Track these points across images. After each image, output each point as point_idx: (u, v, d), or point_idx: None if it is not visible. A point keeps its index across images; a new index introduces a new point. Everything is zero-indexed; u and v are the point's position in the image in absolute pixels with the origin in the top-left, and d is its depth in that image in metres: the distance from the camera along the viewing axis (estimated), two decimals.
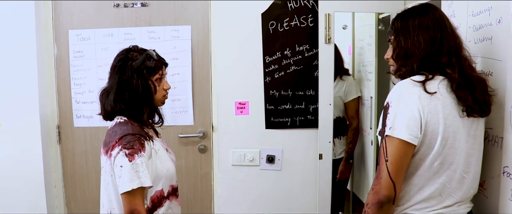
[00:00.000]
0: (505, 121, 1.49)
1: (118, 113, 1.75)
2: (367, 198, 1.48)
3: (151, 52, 1.77)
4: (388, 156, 1.42)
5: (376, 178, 1.46)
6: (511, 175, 1.45)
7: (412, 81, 1.47)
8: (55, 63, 2.86)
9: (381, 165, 1.43)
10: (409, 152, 1.42)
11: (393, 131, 1.41)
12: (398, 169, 1.42)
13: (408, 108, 1.42)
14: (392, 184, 1.41)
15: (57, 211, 2.96)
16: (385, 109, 1.47)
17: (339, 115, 2.85)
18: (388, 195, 1.42)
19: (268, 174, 2.71)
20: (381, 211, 1.44)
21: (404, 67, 1.53)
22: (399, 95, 1.45)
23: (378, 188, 1.43)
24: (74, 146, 2.92)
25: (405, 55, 1.53)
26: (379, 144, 1.49)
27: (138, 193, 1.62)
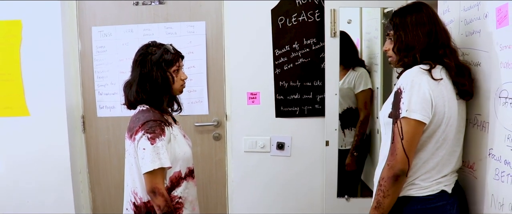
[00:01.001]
0: (490, 108, 1.62)
1: (140, 102, 1.90)
2: (382, 173, 1.64)
3: (168, 47, 1.91)
4: (404, 134, 1.58)
5: (391, 155, 1.61)
6: (495, 156, 1.57)
7: (420, 69, 1.64)
8: (79, 58, 2.99)
9: (396, 143, 1.59)
10: (421, 130, 1.60)
11: (410, 113, 1.57)
12: (411, 145, 1.59)
13: (420, 92, 1.58)
14: (407, 159, 1.59)
15: (82, 195, 3.11)
16: (397, 94, 1.62)
17: (351, 105, 2.85)
18: (403, 168, 1.59)
19: (278, 160, 2.81)
20: (396, 183, 1.61)
21: (407, 58, 1.70)
22: (411, 81, 1.60)
23: (393, 163, 1.60)
24: (97, 135, 3.06)
25: (406, 48, 1.70)
26: (393, 125, 1.62)
27: (158, 173, 1.78)
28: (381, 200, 1.64)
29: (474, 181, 1.75)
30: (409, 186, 1.67)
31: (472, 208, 1.75)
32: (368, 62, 2.87)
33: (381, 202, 1.64)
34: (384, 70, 2.77)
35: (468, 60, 1.80)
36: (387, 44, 1.81)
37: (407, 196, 1.67)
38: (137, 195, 1.90)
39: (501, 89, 1.54)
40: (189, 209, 1.96)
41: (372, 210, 1.69)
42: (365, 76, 2.86)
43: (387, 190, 1.62)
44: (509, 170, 1.48)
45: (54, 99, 2.91)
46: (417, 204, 1.66)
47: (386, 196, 1.63)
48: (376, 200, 1.66)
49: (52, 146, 2.96)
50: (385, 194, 1.63)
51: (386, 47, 1.82)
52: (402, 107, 1.59)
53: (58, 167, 2.98)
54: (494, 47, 1.60)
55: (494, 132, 1.60)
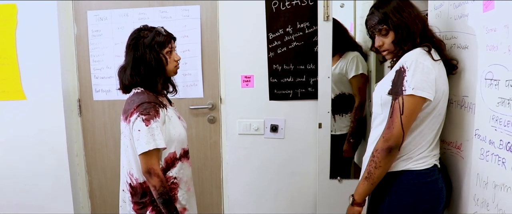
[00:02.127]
0: (476, 89, 1.65)
1: (135, 85, 1.93)
2: (376, 145, 1.71)
3: (159, 29, 1.94)
4: (404, 110, 1.63)
5: (387, 128, 1.68)
6: (480, 136, 1.61)
7: (422, 50, 1.71)
8: (75, 42, 3.01)
9: (395, 117, 1.65)
10: (421, 107, 1.67)
11: (417, 91, 1.63)
12: (409, 121, 1.66)
13: (425, 71, 1.64)
14: (403, 133, 1.66)
15: (79, 178, 3.16)
16: (400, 73, 1.67)
17: (343, 91, 2.82)
18: (398, 142, 1.66)
19: (272, 142, 2.84)
20: (389, 156, 1.68)
21: (406, 45, 1.75)
22: (416, 61, 1.65)
23: (389, 136, 1.67)
24: (93, 118, 3.09)
25: (408, 37, 1.74)
26: (393, 101, 1.67)
27: (154, 154, 1.82)
28: (372, 170, 1.72)
29: (461, 161, 1.79)
30: (407, 160, 1.74)
31: (459, 187, 1.80)
32: (364, 46, 2.85)
33: (372, 172, 1.72)
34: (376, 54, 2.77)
35: (457, 43, 1.83)
36: (380, 40, 1.82)
37: (405, 170, 1.74)
38: (133, 176, 1.94)
39: (487, 71, 1.57)
40: (184, 189, 2.00)
41: (362, 180, 1.77)
42: (356, 61, 2.81)
43: (379, 161, 1.69)
44: (493, 150, 1.52)
45: (50, 83, 2.94)
46: (415, 178, 1.74)
47: (377, 167, 1.70)
48: (367, 171, 1.74)
49: (48, 129, 2.99)
50: (377, 165, 1.70)
51: (379, 42, 1.82)
52: (405, 84, 1.64)
53: (54, 150, 3.02)
54: (481, 30, 1.63)
55: (480, 113, 1.63)
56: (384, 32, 1.78)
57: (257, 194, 2.93)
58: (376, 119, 1.84)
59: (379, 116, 1.81)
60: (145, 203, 1.94)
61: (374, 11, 1.81)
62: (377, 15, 1.79)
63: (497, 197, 1.50)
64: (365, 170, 1.77)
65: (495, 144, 1.51)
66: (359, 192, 1.80)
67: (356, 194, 1.81)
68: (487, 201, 1.56)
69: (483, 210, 1.59)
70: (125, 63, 1.97)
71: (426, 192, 1.75)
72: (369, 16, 1.85)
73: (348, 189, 2.48)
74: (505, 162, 1.45)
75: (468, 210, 1.71)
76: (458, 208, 1.81)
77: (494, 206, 1.51)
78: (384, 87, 1.76)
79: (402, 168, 1.74)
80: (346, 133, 2.84)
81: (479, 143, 1.63)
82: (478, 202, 1.63)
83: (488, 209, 1.55)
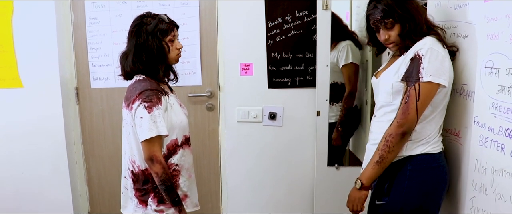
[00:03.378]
0: (476, 78, 1.68)
1: (136, 72, 1.93)
2: (390, 130, 1.74)
3: (163, 16, 1.94)
4: (420, 96, 1.67)
5: (402, 114, 1.71)
6: (479, 123, 1.65)
7: (434, 38, 1.75)
8: (72, 30, 2.99)
9: (411, 103, 1.68)
10: (435, 93, 1.71)
11: (435, 78, 1.67)
12: (423, 107, 1.70)
13: (439, 58, 1.69)
14: (417, 119, 1.70)
15: (77, 166, 3.16)
16: (416, 60, 1.70)
17: (336, 80, 2.81)
18: (411, 127, 1.71)
19: (270, 130, 2.86)
20: (402, 140, 1.73)
21: (415, 36, 1.76)
22: (431, 48, 1.68)
23: (403, 121, 1.71)
24: (91, 106, 3.09)
25: (415, 26, 1.76)
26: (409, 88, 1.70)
27: (156, 141, 1.83)
28: (385, 154, 1.75)
29: (459, 147, 1.83)
30: (425, 144, 1.78)
31: (457, 173, 1.84)
32: (360, 35, 2.84)
33: (385, 156, 1.75)
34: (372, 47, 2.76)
35: (456, 33, 1.86)
36: (386, 33, 1.82)
37: (424, 153, 1.78)
38: (135, 163, 1.95)
39: (487, 59, 1.60)
40: (186, 176, 2.02)
41: (372, 164, 1.79)
42: (347, 49, 2.78)
43: (393, 145, 1.73)
44: (492, 136, 1.55)
45: (48, 71, 2.93)
46: (433, 161, 1.79)
47: (390, 152, 1.74)
48: (379, 155, 1.76)
49: (46, 117, 2.99)
50: (390, 149, 1.74)
51: (385, 36, 1.83)
52: (422, 72, 1.67)
53: (52, 139, 3.02)
54: (481, 19, 1.65)
55: (479, 100, 1.66)
56: (390, 25, 1.80)
57: (256, 181, 2.96)
58: (384, 107, 1.86)
59: (388, 105, 1.83)
60: (147, 190, 1.95)
61: (377, 5, 1.81)
62: (380, 9, 1.79)
63: (495, 182, 1.54)
64: (375, 154, 1.79)
65: (494, 131, 1.54)
66: (368, 176, 1.82)
67: (365, 178, 1.83)
68: (485, 185, 1.60)
69: (481, 194, 1.63)
70: (127, 49, 1.96)
71: (441, 174, 1.81)
72: (371, 10, 1.84)
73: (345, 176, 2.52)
74: (504, 148, 1.49)
75: (466, 195, 1.75)
76: (456, 193, 1.85)
77: (493, 190, 1.55)
78: (395, 75, 1.79)
79: (421, 151, 1.78)
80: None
81: (478, 129, 1.66)
82: (476, 187, 1.67)
83: (486, 193, 1.59)
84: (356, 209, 1.90)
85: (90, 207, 3.27)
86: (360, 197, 1.86)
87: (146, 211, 1.97)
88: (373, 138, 1.91)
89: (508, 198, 1.46)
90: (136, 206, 1.99)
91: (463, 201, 1.77)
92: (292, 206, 2.96)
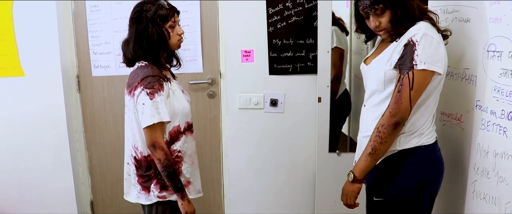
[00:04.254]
0: (478, 61, 1.69)
1: (138, 59, 1.92)
2: (382, 120, 1.67)
3: (162, 2, 1.92)
4: (414, 85, 1.60)
5: (394, 103, 1.64)
6: (482, 107, 1.66)
7: (428, 23, 1.66)
8: (73, 18, 2.98)
9: (404, 92, 1.61)
10: (429, 81, 1.63)
11: (429, 65, 1.59)
12: (417, 96, 1.63)
13: (433, 44, 1.61)
14: (410, 108, 1.63)
15: (78, 155, 3.17)
16: (410, 46, 1.62)
17: None
18: (404, 117, 1.64)
19: (272, 116, 2.86)
20: (395, 131, 1.66)
21: (408, 21, 1.67)
22: (425, 34, 1.60)
23: (396, 111, 1.63)
24: (93, 94, 3.09)
25: (407, 11, 1.66)
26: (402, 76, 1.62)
27: (158, 127, 1.84)
28: (377, 146, 1.68)
29: (461, 132, 1.84)
30: (419, 136, 1.71)
31: (459, 157, 1.85)
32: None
33: (377, 148, 1.68)
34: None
35: (458, 17, 1.85)
36: (376, 20, 1.73)
37: (418, 146, 1.72)
38: (138, 149, 1.96)
39: (489, 43, 1.61)
40: (188, 162, 2.02)
41: (365, 156, 1.72)
42: (332, 34, 2.67)
43: (385, 136, 1.66)
44: (494, 119, 1.56)
45: (49, 59, 2.93)
46: (427, 152, 1.74)
47: (383, 143, 1.67)
48: (371, 146, 1.69)
49: (47, 106, 3.00)
50: (382, 140, 1.66)
51: (375, 23, 1.74)
52: (416, 59, 1.59)
53: (54, 127, 3.03)
54: (484, 3, 1.65)
55: (481, 84, 1.67)
56: (380, 11, 1.70)
57: (257, 168, 2.96)
58: (375, 95, 1.79)
59: (380, 92, 1.75)
60: (149, 176, 1.96)
61: None
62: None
63: (497, 165, 1.55)
64: (367, 146, 1.71)
65: (496, 114, 1.55)
66: (361, 169, 1.74)
67: (358, 171, 1.75)
68: (487, 169, 1.61)
69: (483, 178, 1.64)
70: (128, 36, 1.96)
71: (437, 164, 1.77)
72: None
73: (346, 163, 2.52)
74: (506, 131, 1.50)
75: (468, 179, 1.76)
76: (458, 178, 1.86)
77: (495, 174, 1.56)
78: (387, 62, 1.71)
79: (416, 144, 1.72)
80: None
81: (480, 113, 1.67)
82: (478, 171, 1.68)
83: (488, 177, 1.60)
84: (350, 203, 1.84)
85: (92, 195, 3.28)
86: (353, 190, 1.80)
87: (149, 197, 1.99)
88: (364, 129, 1.86)
89: (510, 181, 1.48)
90: (139, 192, 2.01)
91: (465, 185, 1.79)
92: (293, 192, 2.97)
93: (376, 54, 1.83)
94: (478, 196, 1.68)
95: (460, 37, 1.82)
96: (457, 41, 1.83)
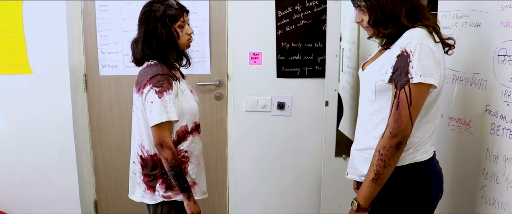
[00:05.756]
0: (488, 66, 1.67)
1: (146, 59, 1.93)
2: (383, 142, 1.52)
3: (171, 2, 1.92)
4: (412, 100, 1.47)
5: (394, 122, 1.49)
6: (491, 112, 1.65)
7: (424, 30, 1.53)
8: (82, 17, 3.00)
9: (402, 110, 1.47)
10: (427, 94, 1.51)
11: (426, 78, 1.46)
12: (417, 111, 1.50)
13: (430, 55, 1.48)
14: (411, 126, 1.50)
15: (84, 153, 3.18)
16: (404, 58, 1.49)
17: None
18: (407, 135, 1.50)
19: (279, 119, 2.86)
20: (398, 152, 1.51)
21: (386, 29, 1.58)
22: (420, 44, 1.48)
23: (397, 131, 1.49)
24: (99, 93, 3.09)
25: (384, 19, 1.57)
26: (398, 90, 1.50)
27: (166, 126, 1.83)
28: (381, 170, 1.53)
29: (470, 137, 1.82)
30: (415, 152, 1.60)
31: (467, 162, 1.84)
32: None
33: (381, 173, 1.53)
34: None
35: (468, 22, 1.85)
36: (359, 16, 1.67)
37: (412, 163, 1.60)
38: (144, 148, 1.95)
39: (500, 47, 1.60)
40: (195, 163, 2.01)
41: (368, 182, 1.57)
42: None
43: (388, 159, 1.52)
44: (504, 124, 1.55)
45: (57, 58, 2.94)
46: (423, 169, 1.62)
47: (387, 166, 1.52)
48: (374, 171, 1.54)
49: (54, 104, 3.00)
50: (386, 164, 1.52)
51: (358, 18, 1.67)
52: (412, 72, 1.47)
53: (60, 125, 3.04)
54: (495, 7, 1.64)
55: (491, 88, 1.66)
56: (363, 8, 1.63)
57: (263, 171, 2.96)
58: (367, 105, 1.69)
59: (372, 103, 1.66)
60: (155, 175, 1.96)
61: None
62: None
63: (507, 170, 1.54)
64: (370, 171, 1.56)
65: (507, 119, 1.54)
66: (365, 196, 1.59)
67: (362, 199, 1.59)
68: (497, 174, 1.60)
69: (493, 183, 1.63)
70: (137, 36, 1.96)
71: (433, 181, 1.66)
72: None
73: None
74: None
75: (476, 185, 1.75)
76: (466, 183, 1.84)
77: (504, 178, 1.55)
78: (379, 72, 1.61)
79: (410, 161, 1.60)
80: None
81: (490, 118, 1.66)
82: (487, 176, 1.67)
83: (497, 181, 1.59)
84: None
85: (96, 195, 3.28)
86: None
87: (154, 197, 1.98)
88: (358, 142, 1.76)
89: None
90: (144, 191, 2.00)
91: (474, 191, 1.77)
92: (298, 196, 2.97)
93: (372, 61, 1.74)
94: (487, 201, 1.67)
95: (470, 41, 1.81)
96: (467, 46, 1.83)
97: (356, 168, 1.76)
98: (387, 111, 1.57)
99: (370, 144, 1.64)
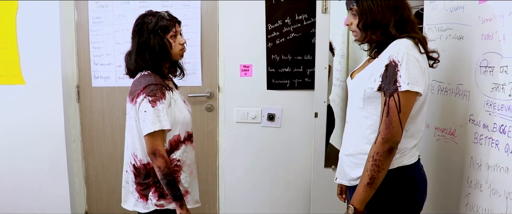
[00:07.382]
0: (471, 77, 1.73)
1: (140, 70, 1.96)
2: (375, 148, 1.60)
3: (163, 13, 1.97)
4: (402, 107, 1.55)
5: (386, 129, 1.57)
6: (474, 121, 1.69)
7: (410, 41, 1.61)
8: (75, 28, 3.02)
9: (393, 116, 1.56)
10: (414, 102, 1.60)
11: (413, 86, 1.54)
12: (406, 117, 1.59)
13: (416, 64, 1.56)
14: (402, 131, 1.58)
15: (75, 164, 3.17)
16: (392, 67, 1.57)
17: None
18: (398, 141, 1.58)
19: (269, 131, 2.89)
20: (390, 156, 1.59)
21: (374, 35, 1.65)
22: (407, 54, 1.56)
23: (389, 137, 1.57)
24: (92, 104, 3.11)
25: (373, 25, 1.64)
26: (388, 98, 1.57)
27: (159, 135, 1.86)
28: (375, 175, 1.60)
29: (455, 146, 1.87)
30: (402, 156, 1.68)
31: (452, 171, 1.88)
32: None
33: (376, 177, 1.61)
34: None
35: (452, 34, 1.91)
36: (349, 18, 1.74)
37: (400, 166, 1.68)
38: (137, 157, 1.97)
39: (482, 59, 1.65)
40: (187, 172, 2.04)
41: (363, 186, 1.64)
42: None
43: (382, 164, 1.59)
44: (487, 133, 1.60)
45: (50, 69, 2.96)
46: (409, 172, 1.69)
47: (380, 170, 1.60)
48: (369, 176, 1.61)
49: (46, 114, 3.01)
50: (379, 168, 1.60)
51: (348, 21, 1.74)
52: (400, 80, 1.55)
53: (52, 136, 3.04)
54: (476, 20, 1.71)
55: (474, 99, 1.71)
56: (354, 12, 1.70)
57: (253, 182, 2.98)
58: (356, 112, 1.76)
59: (360, 110, 1.73)
60: (148, 184, 1.97)
61: None
62: None
63: (490, 178, 1.58)
64: (364, 176, 1.63)
65: (489, 128, 1.59)
66: (361, 200, 1.65)
67: (358, 202, 1.66)
68: (480, 182, 1.64)
69: (476, 191, 1.67)
70: (131, 48, 2.00)
71: (419, 184, 1.74)
72: None
73: None
74: (498, 144, 1.54)
75: (461, 193, 1.79)
76: (451, 191, 1.88)
77: (487, 186, 1.59)
78: (368, 80, 1.68)
79: (397, 165, 1.67)
80: None
81: (473, 127, 1.71)
82: (471, 184, 1.71)
83: (481, 189, 1.63)
84: None
85: (87, 206, 3.28)
86: None
87: (147, 206, 1.99)
88: (346, 147, 1.82)
89: (502, 193, 1.51)
90: (137, 200, 2.01)
91: (459, 199, 1.81)
92: (288, 206, 2.99)
93: (360, 69, 1.81)
94: (472, 209, 1.70)
95: (454, 53, 1.87)
96: (450, 58, 1.89)
97: (345, 173, 1.83)
98: (375, 117, 1.67)
99: (358, 149, 1.74)
